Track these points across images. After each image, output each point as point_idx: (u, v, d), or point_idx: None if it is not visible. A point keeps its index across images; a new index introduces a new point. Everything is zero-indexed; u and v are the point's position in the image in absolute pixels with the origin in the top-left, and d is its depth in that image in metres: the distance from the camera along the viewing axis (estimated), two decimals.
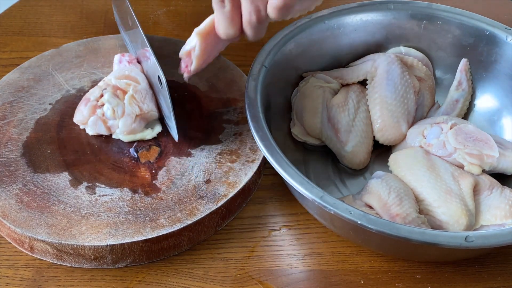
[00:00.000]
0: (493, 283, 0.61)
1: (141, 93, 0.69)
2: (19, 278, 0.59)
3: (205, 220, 0.62)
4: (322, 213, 0.59)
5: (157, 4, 0.95)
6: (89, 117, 0.67)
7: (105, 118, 0.67)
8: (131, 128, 0.68)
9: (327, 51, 0.74)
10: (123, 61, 0.73)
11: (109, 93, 0.67)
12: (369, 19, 0.74)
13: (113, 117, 0.67)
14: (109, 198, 0.63)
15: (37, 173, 0.65)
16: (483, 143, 0.64)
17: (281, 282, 0.60)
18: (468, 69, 0.73)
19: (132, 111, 0.67)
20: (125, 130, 0.67)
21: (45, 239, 0.58)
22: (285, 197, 0.68)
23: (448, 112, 0.72)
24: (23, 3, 0.93)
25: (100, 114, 0.67)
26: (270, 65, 0.67)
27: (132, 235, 0.59)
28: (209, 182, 0.65)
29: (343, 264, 0.62)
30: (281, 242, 0.64)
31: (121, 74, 0.70)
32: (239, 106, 0.73)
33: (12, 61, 0.82)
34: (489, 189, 0.63)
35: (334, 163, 0.71)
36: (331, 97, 0.71)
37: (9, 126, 0.69)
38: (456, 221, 0.59)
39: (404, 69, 0.71)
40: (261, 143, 0.59)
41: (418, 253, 0.58)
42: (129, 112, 0.67)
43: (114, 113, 0.67)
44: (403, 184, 0.62)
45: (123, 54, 0.74)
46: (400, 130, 0.69)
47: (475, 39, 0.72)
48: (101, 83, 0.70)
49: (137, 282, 0.60)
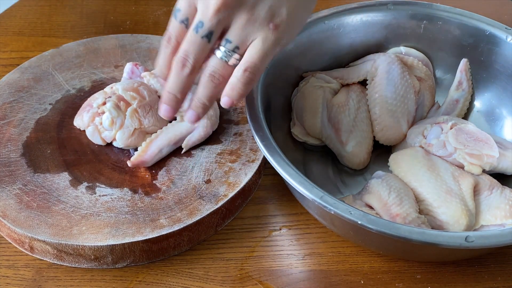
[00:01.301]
0: (493, 283, 0.61)
1: (145, 108, 0.68)
2: (19, 278, 0.59)
3: (205, 220, 0.62)
4: (322, 213, 0.59)
5: (157, 4, 0.95)
6: (88, 124, 0.67)
7: (101, 127, 0.67)
8: (129, 142, 0.67)
9: (327, 51, 0.74)
10: (135, 72, 0.72)
11: (111, 103, 0.66)
12: (369, 19, 0.74)
13: (111, 128, 0.66)
14: (109, 198, 0.63)
15: (37, 173, 0.65)
16: (483, 143, 0.64)
17: (281, 282, 0.60)
18: (468, 69, 0.73)
19: (132, 124, 0.66)
20: (122, 143, 0.66)
21: (45, 239, 0.58)
22: (285, 197, 0.68)
23: (448, 112, 0.72)
24: (23, 3, 0.93)
25: (98, 123, 0.66)
26: (270, 65, 0.67)
27: (132, 235, 0.59)
28: (209, 182, 0.65)
29: (343, 264, 0.62)
30: (281, 242, 0.64)
31: (130, 86, 0.68)
32: (239, 106, 0.73)
33: (12, 61, 0.82)
34: (489, 189, 0.63)
35: (334, 163, 0.71)
36: (331, 97, 0.71)
37: (9, 126, 0.69)
38: (456, 221, 0.59)
39: (404, 69, 0.71)
40: (261, 143, 0.59)
41: (418, 253, 0.58)
42: (128, 125, 0.66)
43: (112, 124, 0.66)
44: (403, 184, 0.62)
45: (136, 64, 0.73)
46: (400, 130, 0.69)
47: (475, 39, 0.72)
48: (108, 89, 0.69)
49: (137, 282, 0.60)
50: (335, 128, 0.69)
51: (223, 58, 0.54)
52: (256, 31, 0.54)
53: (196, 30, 0.53)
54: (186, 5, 0.54)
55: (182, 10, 0.54)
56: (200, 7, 0.53)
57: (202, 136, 0.68)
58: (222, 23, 0.53)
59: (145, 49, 0.80)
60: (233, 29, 0.54)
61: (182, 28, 0.54)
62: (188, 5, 0.54)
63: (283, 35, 0.55)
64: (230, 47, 0.54)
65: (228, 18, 0.53)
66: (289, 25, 0.55)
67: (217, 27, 0.53)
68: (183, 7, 0.54)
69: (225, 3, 0.52)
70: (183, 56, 0.54)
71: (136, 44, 0.81)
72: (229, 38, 0.54)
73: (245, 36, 0.54)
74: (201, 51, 0.54)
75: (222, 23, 0.53)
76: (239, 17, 0.53)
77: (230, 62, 0.54)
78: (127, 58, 0.79)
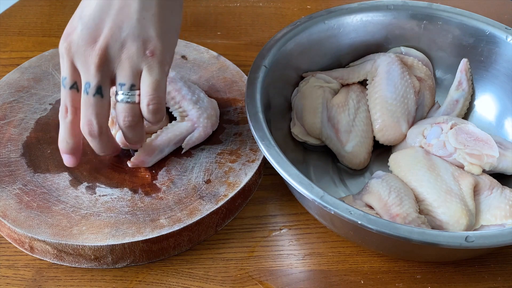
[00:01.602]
0: (493, 283, 0.61)
1: None
2: (19, 278, 0.59)
3: (205, 220, 0.62)
4: (322, 213, 0.59)
5: None
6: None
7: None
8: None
9: (327, 51, 0.74)
10: None
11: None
12: (369, 19, 0.74)
13: (111, 128, 0.66)
14: (109, 198, 0.63)
15: (37, 173, 0.65)
16: (483, 143, 0.64)
17: (281, 282, 0.60)
18: (468, 69, 0.73)
19: None
20: (122, 143, 0.66)
21: (45, 239, 0.58)
22: (285, 197, 0.68)
23: (448, 112, 0.72)
24: (23, 3, 0.93)
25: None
26: (270, 65, 0.67)
27: (132, 235, 0.59)
28: (209, 182, 0.65)
29: (343, 264, 0.62)
30: (281, 242, 0.64)
31: None
32: (239, 106, 0.73)
33: (12, 61, 0.82)
34: (489, 189, 0.63)
35: (334, 163, 0.71)
36: (331, 97, 0.71)
37: (9, 126, 0.69)
38: (456, 221, 0.59)
39: (404, 69, 0.71)
40: (261, 143, 0.59)
41: (418, 253, 0.58)
42: None
43: (113, 124, 0.66)
44: (403, 184, 0.62)
45: None
46: (400, 130, 0.69)
47: (475, 39, 0.72)
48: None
49: (137, 282, 0.60)
50: (335, 128, 0.69)
51: (126, 101, 0.56)
52: (139, 63, 0.56)
53: (87, 92, 0.56)
54: (69, 72, 0.56)
55: (67, 77, 0.56)
56: (81, 70, 0.56)
57: (202, 136, 0.68)
58: (107, 75, 0.56)
59: None
60: (120, 74, 0.56)
61: (74, 93, 0.57)
62: (72, 71, 0.56)
63: (164, 54, 0.56)
64: (126, 88, 0.56)
65: (109, 68, 0.56)
66: (164, 40, 0.56)
67: (104, 80, 0.56)
68: (68, 74, 0.56)
69: (101, 59, 0.55)
70: (86, 123, 0.57)
71: None
72: (121, 82, 0.56)
73: (132, 73, 0.56)
74: (99, 108, 0.56)
75: (107, 75, 0.56)
76: (118, 63, 0.55)
77: (136, 100, 0.56)
78: None
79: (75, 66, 0.56)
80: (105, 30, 0.55)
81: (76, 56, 0.55)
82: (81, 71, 0.56)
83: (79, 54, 0.55)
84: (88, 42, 0.55)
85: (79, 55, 0.55)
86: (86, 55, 0.55)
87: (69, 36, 0.56)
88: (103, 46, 0.54)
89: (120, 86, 0.56)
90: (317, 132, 0.69)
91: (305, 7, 0.96)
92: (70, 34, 0.55)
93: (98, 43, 0.55)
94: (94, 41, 0.55)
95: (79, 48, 0.55)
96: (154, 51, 0.55)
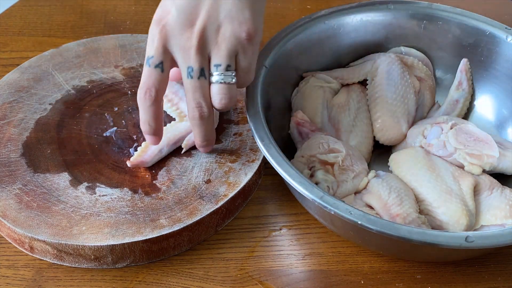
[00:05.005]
0: (493, 283, 0.61)
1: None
2: (19, 278, 0.59)
3: (205, 220, 0.62)
4: (322, 213, 0.59)
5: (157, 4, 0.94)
6: None
7: None
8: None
9: (327, 51, 0.74)
10: None
11: None
12: (369, 19, 0.74)
13: None
14: (109, 198, 0.63)
15: (37, 173, 0.65)
16: (483, 143, 0.64)
17: (281, 282, 0.60)
18: (468, 69, 0.73)
19: None
20: None
21: (45, 239, 0.58)
22: (285, 197, 0.68)
23: (448, 112, 0.72)
24: (23, 3, 0.93)
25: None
26: (270, 65, 0.67)
27: (132, 235, 0.59)
28: (209, 182, 0.65)
29: (343, 264, 0.62)
30: (281, 242, 0.64)
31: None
32: (239, 106, 0.73)
33: (12, 61, 0.82)
34: (489, 189, 0.63)
35: None
36: (332, 97, 0.71)
37: (9, 126, 0.69)
38: (456, 221, 0.59)
39: (405, 69, 0.71)
40: (261, 143, 0.59)
41: (418, 253, 0.58)
42: None
43: None
44: (404, 184, 0.62)
45: None
46: (400, 130, 0.69)
47: (475, 39, 0.72)
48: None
49: (137, 282, 0.60)
50: (336, 128, 0.69)
51: (222, 81, 0.57)
52: (235, 45, 0.56)
53: (191, 76, 0.57)
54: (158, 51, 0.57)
55: (154, 56, 0.57)
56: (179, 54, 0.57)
57: None
58: (206, 57, 0.57)
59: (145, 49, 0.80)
60: (215, 55, 0.56)
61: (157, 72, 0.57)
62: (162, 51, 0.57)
63: (258, 36, 0.57)
64: (222, 69, 0.56)
65: (207, 50, 0.56)
66: (257, 22, 0.57)
67: (205, 62, 0.56)
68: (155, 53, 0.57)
69: (200, 41, 0.55)
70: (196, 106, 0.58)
71: (136, 44, 0.81)
72: (216, 63, 0.57)
73: (229, 53, 0.56)
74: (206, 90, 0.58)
75: (206, 57, 0.57)
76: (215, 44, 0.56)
77: (232, 81, 0.57)
78: (127, 58, 0.79)
79: (167, 49, 0.56)
80: (202, 13, 0.55)
81: (172, 39, 0.56)
82: (178, 55, 0.56)
83: (175, 37, 0.56)
84: (185, 25, 0.55)
85: (176, 39, 0.56)
86: (184, 38, 0.55)
87: (162, 19, 0.56)
88: (201, 28, 0.55)
89: (216, 67, 0.56)
90: None
91: (305, 7, 0.96)
92: (164, 17, 0.56)
93: (196, 26, 0.55)
94: (192, 24, 0.55)
95: (175, 31, 0.55)
96: (249, 33, 0.56)
